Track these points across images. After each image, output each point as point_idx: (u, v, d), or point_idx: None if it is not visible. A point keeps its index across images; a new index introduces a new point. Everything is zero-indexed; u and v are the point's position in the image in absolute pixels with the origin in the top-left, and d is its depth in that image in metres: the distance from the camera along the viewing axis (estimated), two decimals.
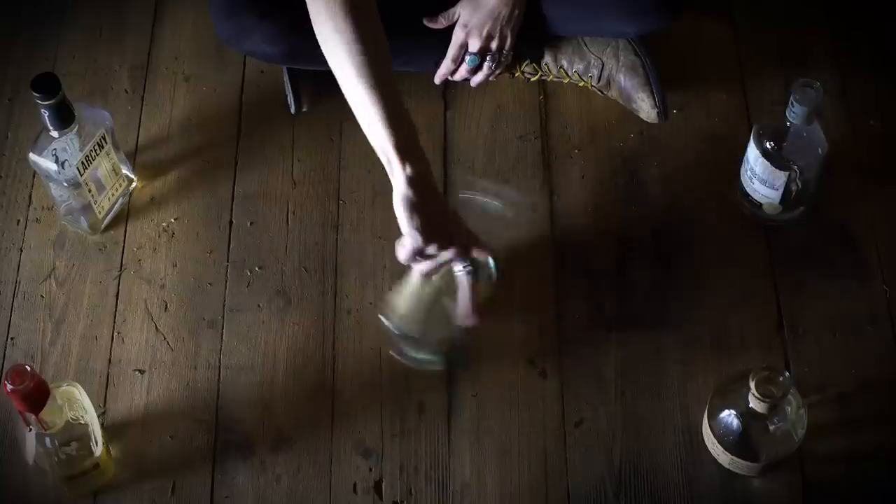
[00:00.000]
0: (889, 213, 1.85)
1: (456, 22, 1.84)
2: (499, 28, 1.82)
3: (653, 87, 1.89)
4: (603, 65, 1.91)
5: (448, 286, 1.65)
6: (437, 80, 1.91)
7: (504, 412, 1.71)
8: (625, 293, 1.79)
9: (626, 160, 1.91)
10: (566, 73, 1.93)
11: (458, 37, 1.84)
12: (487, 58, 1.86)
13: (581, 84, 1.94)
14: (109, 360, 1.76)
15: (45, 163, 1.74)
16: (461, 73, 1.88)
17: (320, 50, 1.83)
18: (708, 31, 2.02)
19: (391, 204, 1.86)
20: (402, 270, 1.67)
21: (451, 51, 1.85)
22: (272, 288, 1.82)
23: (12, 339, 1.78)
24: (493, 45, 1.84)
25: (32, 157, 1.75)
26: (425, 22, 1.85)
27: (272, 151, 1.93)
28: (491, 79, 1.90)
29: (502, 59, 1.87)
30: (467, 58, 1.86)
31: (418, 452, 1.69)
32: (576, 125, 1.94)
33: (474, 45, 1.84)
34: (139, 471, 1.68)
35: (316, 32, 1.56)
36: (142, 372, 1.75)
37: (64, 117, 1.72)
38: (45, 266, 1.84)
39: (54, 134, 1.73)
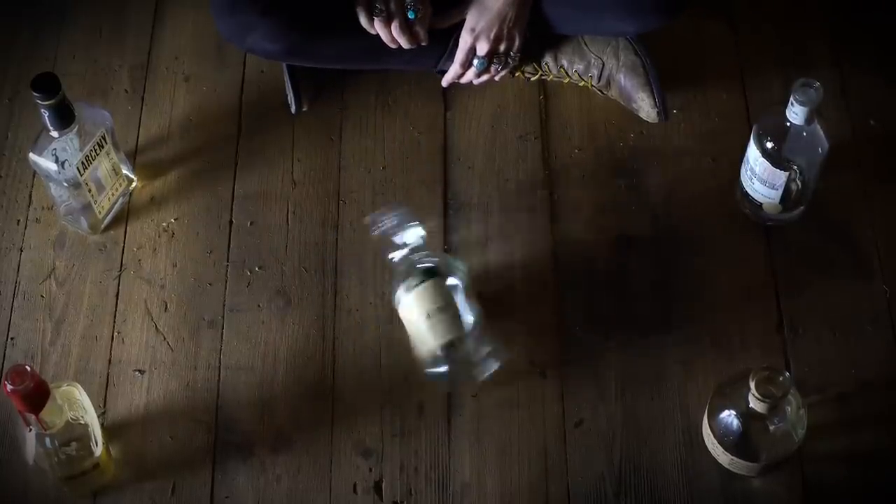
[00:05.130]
0: (889, 213, 1.85)
1: (455, 22, 1.85)
2: (506, 30, 1.82)
3: (653, 87, 1.89)
4: (603, 64, 1.91)
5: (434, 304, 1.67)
6: (445, 83, 1.91)
7: (504, 412, 1.71)
8: (625, 293, 1.79)
9: (626, 160, 1.91)
10: (566, 72, 1.93)
11: (465, 41, 1.84)
12: (495, 60, 1.86)
13: (581, 84, 1.94)
14: (109, 360, 1.76)
15: (45, 163, 1.74)
16: (469, 76, 1.88)
17: (321, 46, 1.84)
18: (708, 31, 2.02)
19: (391, 204, 1.87)
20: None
21: (460, 56, 1.85)
22: (272, 288, 1.82)
23: (12, 339, 1.78)
24: (502, 47, 1.84)
25: (32, 157, 1.75)
26: None
27: (272, 151, 1.93)
28: (496, 79, 1.90)
29: (509, 61, 1.87)
30: (475, 62, 1.86)
31: (418, 452, 1.69)
32: (576, 125, 1.94)
33: (483, 49, 1.84)
34: (139, 471, 1.68)
35: None
36: (142, 372, 1.75)
37: (64, 117, 1.72)
38: (45, 266, 1.84)
39: (54, 134, 1.73)
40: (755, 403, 1.55)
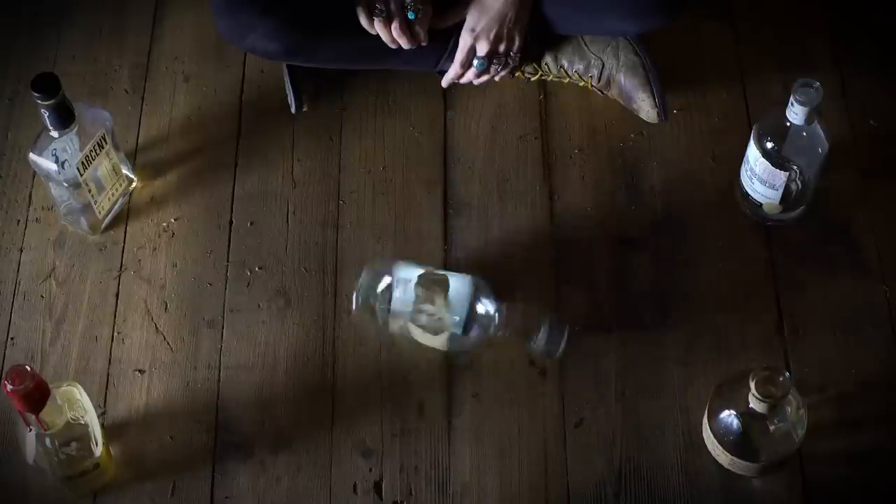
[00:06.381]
0: (889, 213, 1.85)
1: (455, 22, 1.84)
2: (506, 30, 1.83)
3: (653, 87, 1.89)
4: (603, 65, 1.91)
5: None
6: (445, 83, 1.91)
7: (504, 412, 1.71)
8: (625, 293, 1.79)
9: (626, 160, 1.91)
10: (566, 72, 1.93)
11: (465, 42, 1.84)
12: (495, 60, 1.86)
13: (581, 84, 1.94)
14: (109, 360, 1.76)
15: (45, 163, 1.74)
16: (468, 76, 1.88)
17: (321, 46, 1.84)
18: (708, 31, 2.02)
19: (391, 204, 1.88)
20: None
21: (460, 56, 1.85)
22: (272, 288, 1.82)
23: (12, 339, 1.78)
24: (501, 47, 1.85)
25: (32, 157, 1.75)
26: None
27: (272, 151, 1.93)
28: (496, 79, 1.90)
29: (509, 61, 1.87)
30: (475, 62, 1.86)
31: (418, 452, 1.69)
32: (576, 125, 1.94)
33: (483, 49, 1.84)
34: (139, 471, 1.68)
35: None
36: (142, 372, 1.75)
37: (64, 117, 1.72)
38: (45, 266, 1.84)
39: (54, 134, 1.73)
40: (755, 403, 1.55)
